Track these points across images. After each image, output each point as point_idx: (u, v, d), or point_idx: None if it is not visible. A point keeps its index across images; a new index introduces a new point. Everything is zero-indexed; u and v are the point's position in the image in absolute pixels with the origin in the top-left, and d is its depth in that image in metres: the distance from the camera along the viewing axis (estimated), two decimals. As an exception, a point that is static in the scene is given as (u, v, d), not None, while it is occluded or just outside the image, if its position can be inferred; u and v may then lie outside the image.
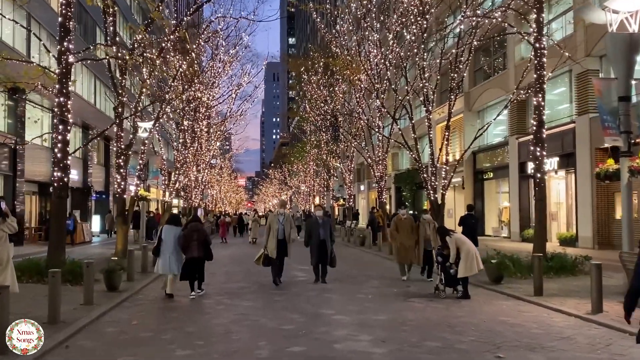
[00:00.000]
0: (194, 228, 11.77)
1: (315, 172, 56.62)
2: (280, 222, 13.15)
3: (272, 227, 13.13)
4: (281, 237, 13.08)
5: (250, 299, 11.10)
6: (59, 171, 13.00)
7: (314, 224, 13.67)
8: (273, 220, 13.32)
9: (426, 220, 14.13)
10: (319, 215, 14.07)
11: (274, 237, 12.99)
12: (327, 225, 13.71)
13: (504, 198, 31.02)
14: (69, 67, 13.11)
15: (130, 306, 10.38)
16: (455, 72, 20.48)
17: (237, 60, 35.22)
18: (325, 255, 13.29)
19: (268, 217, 14.55)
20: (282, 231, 13.12)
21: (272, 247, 12.97)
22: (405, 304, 10.34)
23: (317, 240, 13.31)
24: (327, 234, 13.39)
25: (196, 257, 11.50)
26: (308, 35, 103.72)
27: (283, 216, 13.38)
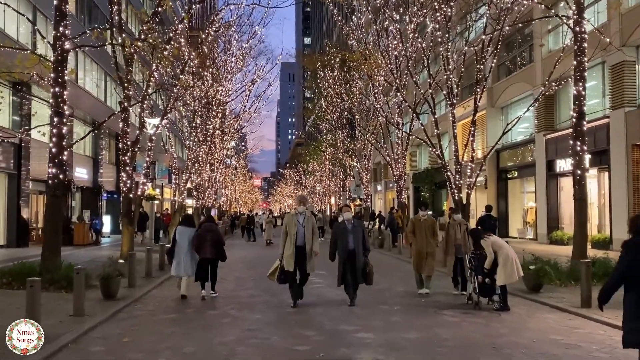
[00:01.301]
0: (208, 228, 11.64)
1: (331, 171, 55.54)
2: (299, 224, 10.18)
3: (289, 231, 10.13)
4: (300, 243, 10.10)
5: (260, 310, 9.88)
6: (54, 167, 11.93)
7: (341, 230, 10.51)
8: (290, 221, 10.23)
9: (456, 222, 11.71)
10: (348, 218, 10.66)
11: (291, 243, 10.04)
12: (359, 231, 10.46)
13: (529, 198, 29.63)
14: (65, 54, 12.02)
15: (125, 318, 9.22)
16: (482, 63, 19.21)
17: (249, 55, 34.10)
18: (356, 270, 10.20)
19: (284, 218, 10.73)
20: (301, 236, 10.12)
21: (289, 257, 10.00)
22: (437, 318, 9.06)
23: (345, 251, 10.25)
24: (358, 243, 10.25)
25: (209, 258, 11.45)
26: (324, 34, 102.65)
27: (303, 216, 10.31)
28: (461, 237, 11.48)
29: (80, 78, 30.96)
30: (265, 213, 46.24)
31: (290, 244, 10.07)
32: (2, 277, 11.53)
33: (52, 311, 9.08)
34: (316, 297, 11.31)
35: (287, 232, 10.20)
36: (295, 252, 10.04)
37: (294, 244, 10.06)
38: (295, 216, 10.35)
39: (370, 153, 37.28)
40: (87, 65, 31.86)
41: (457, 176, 19.61)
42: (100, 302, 10.32)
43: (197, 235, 11.50)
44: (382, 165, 51.18)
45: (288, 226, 10.23)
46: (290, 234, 10.13)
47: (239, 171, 74.67)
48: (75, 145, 31.15)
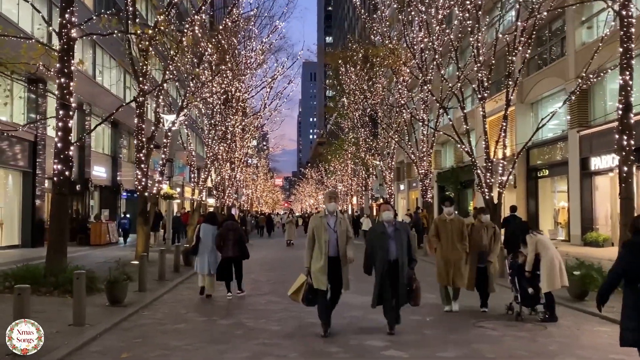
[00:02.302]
0: (230, 227, 11.52)
1: (353, 170, 54.59)
2: (330, 228, 7.78)
3: (318, 238, 7.77)
4: (333, 253, 7.73)
5: (278, 320, 8.95)
6: (60, 163, 11.17)
7: (379, 235, 7.95)
8: (319, 225, 7.81)
9: (484, 224, 9.76)
10: (388, 219, 8.02)
11: (321, 253, 7.66)
12: (403, 236, 7.91)
13: (561, 198, 28.35)
14: (72, 42, 11.27)
15: (130, 327, 8.40)
16: (514, 55, 18.12)
17: (270, 51, 33.30)
18: (398, 287, 7.76)
19: (310, 221, 8.29)
20: (334, 244, 7.75)
21: (319, 271, 7.63)
22: (476, 332, 8.05)
23: (384, 262, 7.77)
24: (402, 252, 7.79)
25: (232, 257, 11.36)
26: (345, 32, 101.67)
27: (335, 218, 7.90)
28: (487, 243, 9.64)
29: (99, 75, 30.46)
30: (286, 213, 45.57)
31: (321, 255, 7.63)
32: (5, 281, 10.81)
33: (50, 319, 8.31)
34: (339, 306, 10.34)
35: (314, 239, 7.79)
36: (328, 265, 7.66)
37: (325, 254, 7.63)
38: (324, 218, 7.85)
39: (393, 151, 36.21)
40: (105, 62, 31.35)
41: (487, 174, 18.53)
42: (105, 308, 9.54)
43: (219, 234, 11.42)
44: (405, 164, 50.05)
45: (316, 232, 7.78)
46: (319, 242, 7.70)
47: (260, 170, 74.13)
48: (94, 143, 31.21)
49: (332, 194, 8.41)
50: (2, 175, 22.20)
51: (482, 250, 9.59)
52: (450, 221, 9.70)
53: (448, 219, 9.73)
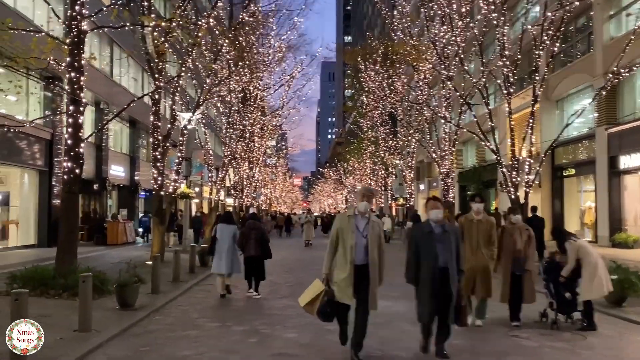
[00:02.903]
0: (252, 226, 11.48)
1: (372, 170, 54.03)
2: (359, 232, 6.41)
3: (344, 241, 6.43)
4: (361, 261, 6.35)
5: (294, 326, 8.41)
6: (70, 161, 10.78)
7: (425, 238, 6.49)
8: (345, 227, 6.47)
9: (516, 226, 8.51)
10: (436, 218, 6.56)
11: (346, 261, 6.34)
12: (451, 239, 6.49)
13: (588, 197, 27.47)
14: (82, 35, 10.86)
15: (138, 333, 7.93)
16: (540, 49, 17.45)
17: (288, 49, 32.82)
18: (449, 300, 6.31)
19: (335, 221, 6.86)
20: (362, 250, 6.36)
21: (342, 281, 6.34)
22: (510, 342, 7.43)
23: (432, 270, 6.34)
24: (451, 258, 6.38)
25: (254, 256, 11.30)
26: (364, 32, 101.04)
27: (366, 220, 6.50)
28: (522, 248, 8.32)
29: (117, 74, 30.25)
30: (304, 212, 45.24)
31: (346, 263, 6.31)
32: (13, 282, 10.43)
33: (55, 325, 7.88)
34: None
35: (338, 242, 6.47)
36: (354, 276, 6.30)
37: (351, 262, 6.28)
38: (353, 218, 6.47)
39: (414, 150, 35.56)
40: (123, 61, 31.13)
41: (513, 173, 17.86)
42: (115, 312, 9.10)
43: (241, 233, 11.41)
44: (425, 163, 49.35)
45: (342, 234, 6.44)
46: (345, 246, 6.35)
47: (278, 170, 73.88)
48: (112, 142, 31.02)
49: (367, 191, 6.65)
50: (18, 174, 22.01)
51: (516, 256, 8.30)
52: (478, 222, 8.36)
53: (476, 219, 8.38)
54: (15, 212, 22.03)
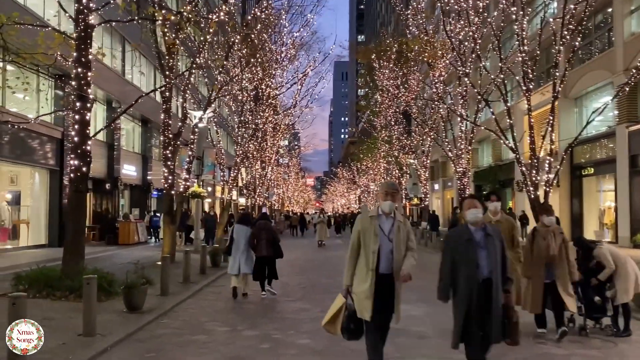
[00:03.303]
0: (262, 226, 11.54)
1: (386, 169, 53.55)
2: (384, 234, 5.48)
3: (366, 247, 5.48)
4: (385, 269, 5.43)
5: (308, 331, 8.00)
6: (77, 159, 10.46)
7: (463, 243, 5.29)
8: (367, 229, 5.52)
9: (550, 229, 7.55)
10: (475, 220, 5.32)
11: (368, 269, 5.42)
12: (497, 245, 5.31)
13: (607, 197, 26.85)
14: (89, 29, 10.55)
15: (144, 339, 7.58)
16: (561, 44, 16.92)
17: (302, 48, 32.50)
18: (489, 319, 5.15)
19: (356, 222, 5.74)
20: (387, 256, 5.43)
21: (362, 293, 5.41)
22: (537, 349, 6.97)
23: (472, 281, 5.19)
24: (496, 267, 5.23)
25: (265, 256, 11.34)
26: (378, 31, 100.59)
27: (392, 221, 5.54)
28: (556, 253, 7.41)
29: (128, 72, 30.05)
30: (317, 212, 44.90)
31: (367, 271, 5.38)
32: (19, 284, 10.15)
33: (59, 328, 7.57)
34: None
35: (359, 247, 5.51)
36: (376, 286, 5.36)
37: (373, 270, 5.36)
38: (376, 219, 5.50)
39: (428, 149, 35.05)
40: (135, 60, 30.93)
41: (533, 172, 17.35)
42: (121, 315, 8.77)
43: (252, 233, 11.43)
44: (439, 162, 48.81)
45: (363, 236, 5.48)
46: (367, 252, 5.42)
47: (291, 170, 73.62)
48: (124, 142, 30.84)
49: (390, 188, 5.61)
50: (29, 173, 21.83)
51: (549, 261, 7.43)
52: (497, 223, 7.38)
53: (493, 220, 7.51)
54: (26, 211, 21.86)
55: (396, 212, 5.58)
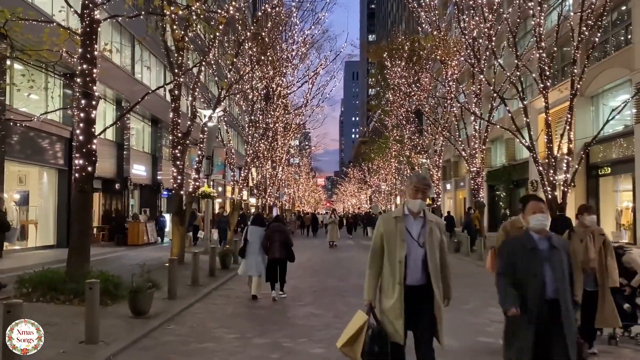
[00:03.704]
0: (276, 228, 11.52)
1: (397, 169, 53.08)
2: (411, 237, 4.53)
3: (391, 254, 4.55)
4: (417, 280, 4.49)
5: (321, 340, 7.62)
6: (82, 158, 10.14)
7: (527, 254, 4.48)
8: (392, 232, 4.56)
9: (589, 229, 6.73)
10: (541, 227, 4.57)
11: (394, 280, 4.49)
12: (563, 258, 4.47)
13: (625, 197, 26.26)
14: (95, 25, 10.24)
15: (149, 346, 7.24)
16: (579, 41, 16.45)
17: (312, 45, 32.13)
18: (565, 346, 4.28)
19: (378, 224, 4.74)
20: (417, 265, 4.49)
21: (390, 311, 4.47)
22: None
23: (536, 299, 4.34)
24: (563, 284, 4.39)
25: (277, 258, 11.29)
26: (389, 30, 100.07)
27: (421, 221, 4.60)
28: (596, 257, 6.63)
29: (138, 72, 29.83)
30: (328, 212, 44.52)
31: (393, 283, 4.47)
32: (22, 287, 9.86)
33: (61, 335, 7.25)
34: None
35: (382, 253, 4.60)
36: (406, 301, 4.42)
37: (401, 282, 4.43)
38: (402, 220, 4.56)
39: (441, 149, 34.55)
40: (145, 59, 30.73)
41: (550, 171, 16.88)
42: (126, 320, 8.43)
43: (265, 235, 11.45)
44: (451, 162, 48.27)
45: (387, 242, 4.56)
46: (392, 260, 4.50)
47: (302, 169, 73.34)
48: (134, 141, 30.62)
49: (421, 183, 4.60)
50: (37, 173, 21.63)
51: (591, 266, 6.60)
52: None
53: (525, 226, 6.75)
54: (35, 212, 21.66)
55: (426, 211, 4.65)
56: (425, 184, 4.62)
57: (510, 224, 6.70)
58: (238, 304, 10.69)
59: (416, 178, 4.70)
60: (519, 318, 4.34)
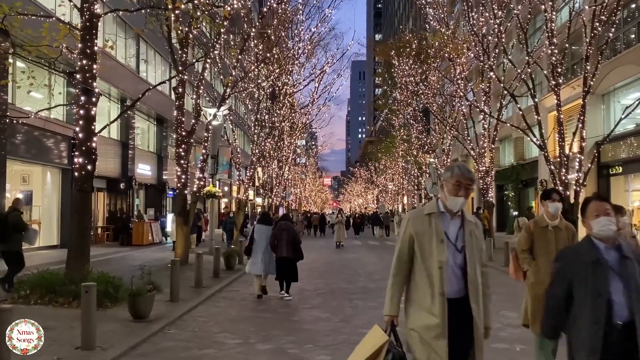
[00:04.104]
0: (283, 227, 11.47)
1: (404, 169, 52.69)
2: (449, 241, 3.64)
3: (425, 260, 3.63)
4: (456, 292, 3.59)
5: (328, 345, 7.29)
6: (81, 156, 9.86)
7: (590, 267, 3.47)
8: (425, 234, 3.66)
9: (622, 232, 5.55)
10: (607, 234, 3.55)
11: (432, 293, 3.56)
12: (635, 271, 3.42)
13: (637, 197, 25.83)
14: (95, 19, 9.95)
15: (148, 352, 6.92)
16: (592, 37, 16.07)
17: (319, 45, 31.82)
18: None
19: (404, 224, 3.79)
20: (457, 275, 3.61)
21: (428, 331, 3.54)
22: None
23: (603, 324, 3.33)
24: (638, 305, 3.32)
25: (285, 257, 11.26)
26: (395, 30, 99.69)
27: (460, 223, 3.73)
28: None
29: (143, 71, 29.61)
30: (333, 212, 44.24)
31: (432, 295, 3.57)
32: (20, 289, 9.59)
33: (57, 340, 6.96)
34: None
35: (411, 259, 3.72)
36: (449, 322, 3.54)
37: (441, 294, 3.55)
38: (438, 219, 3.69)
39: (449, 148, 34.16)
40: (150, 57, 30.51)
41: (562, 170, 16.50)
42: (126, 325, 8.12)
43: (272, 234, 11.41)
44: (459, 162, 47.84)
45: (420, 243, 3.67)
46: (429, 267, 3.61)
47: (308, 169, 73.07)
48: (139, 141, 30.40)
49: (466, 176, 3.69)
50: (40, 172, 21.43)
51: None
52: (555, 229, 5.66)
53: (551, 225, 5.67)
54: (38, 211, 21.43)
55: (465, 210, 3.77)
56: (469, 179, 3.69)
57: (534, 224, 5.89)
58: (242, 307, 10.38)
59: (459, 171, 3.70)
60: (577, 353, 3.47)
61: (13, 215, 10.67)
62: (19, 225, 10.65)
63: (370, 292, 12.19)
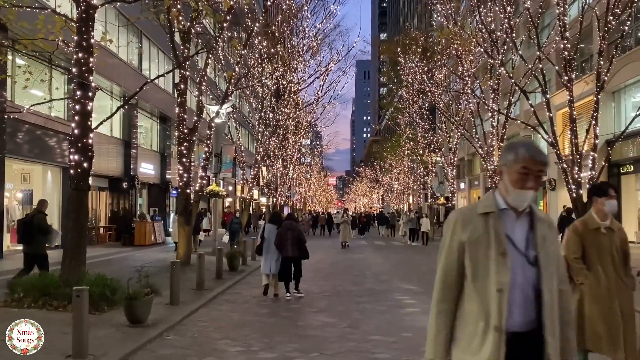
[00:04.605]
0: (289, 226, 11.44)
1: (410, 168, 52.20)
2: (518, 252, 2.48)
3: (479, 277, 2.47)
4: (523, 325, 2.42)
5: (336, 353, 6.82)
6: (77, 153, 9.45)
7: None
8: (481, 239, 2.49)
9: None
10: None
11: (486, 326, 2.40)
12: None
13: (648, 196, 25.41)
14: (91, 10, 9.54)
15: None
16: (605, 31, 15.61)
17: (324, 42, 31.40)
18: None
19: (449, 226, 2.60)
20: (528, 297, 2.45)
21: None
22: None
23: None
24: None
25: (291, 257, 11.26)
26: (401, 28, 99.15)
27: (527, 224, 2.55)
28: None
29: (146, 69, 29.24)
30: (338, 212, 43.87)
31: (486, 328, 2.41)
32: (14, 292, 9.20)
33: (47, 347, 6.46)
34: (414, 332, 8.11)
35: (459, 277, 2.56)
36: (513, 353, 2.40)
37: (499, 328, 2.38)
38: (498, 220, 2.52)
39: (456, 146, 33.70)
40: (153, 55, 30.14)
41: (575, 169, 16.02)
42: (122, 330, 7.71)
43: (277, 233, 11.39)
44: (465, 161, 47.36)
45: (473, 255, 2.51)
46: (483, 288, 2.46)
47: (313, 169, 72.73)
48: (142, 140, 30.04)
49: (536, 161, 2.50)
50: (41, 171, 21.07)
51: None
52: (608, 231, 4.82)
53: (603, 227, 4.81)
54: (39, 211, 21.07)
55: (534, 206, 2.62)
56: (542, 163, 2.53)
57: (582, 225, 4.93)
58: (245, 311, 9.95)
59: (527, 153, 2.52)
60: None
61: (38, 217, 10.63)
62: (43, 227, 10.61)
63: (377, 294, 11.76)
